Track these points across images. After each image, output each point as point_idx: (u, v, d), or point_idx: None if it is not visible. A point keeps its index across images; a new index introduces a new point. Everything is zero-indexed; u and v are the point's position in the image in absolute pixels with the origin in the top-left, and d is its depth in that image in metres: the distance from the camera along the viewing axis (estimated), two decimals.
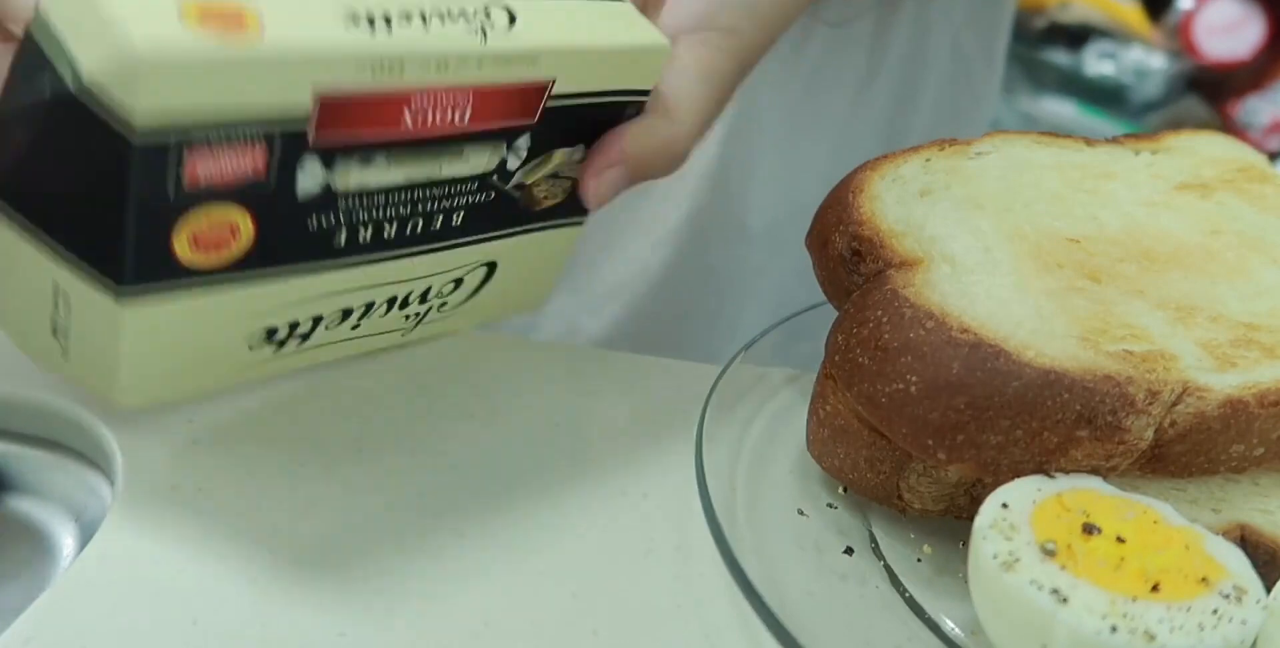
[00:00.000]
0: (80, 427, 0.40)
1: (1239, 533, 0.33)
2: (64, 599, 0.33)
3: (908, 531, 0.36)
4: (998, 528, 0.30)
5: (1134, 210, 0.40)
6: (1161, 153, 0.43)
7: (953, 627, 0.33)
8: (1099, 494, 0.32)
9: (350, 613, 0.33)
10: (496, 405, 0.42)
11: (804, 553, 0.36)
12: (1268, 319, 0.36)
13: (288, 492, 0.37)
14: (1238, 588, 0.29)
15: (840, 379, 0.35)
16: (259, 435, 0.39)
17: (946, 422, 0.32)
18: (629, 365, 0.45)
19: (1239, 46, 1.49)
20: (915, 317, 0.33)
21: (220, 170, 0.28)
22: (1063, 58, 1.59)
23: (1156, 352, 0.33)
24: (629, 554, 0.36)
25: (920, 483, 0.35)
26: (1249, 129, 1.50)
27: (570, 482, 0.39)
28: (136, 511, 0.36)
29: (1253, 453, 0.34)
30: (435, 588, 0.34)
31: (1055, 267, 0.36)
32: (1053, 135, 0.43)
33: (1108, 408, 0.31)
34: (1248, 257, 0.39)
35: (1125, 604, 0.28)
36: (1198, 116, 1.56)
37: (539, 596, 0.34)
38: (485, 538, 0.36)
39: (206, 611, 0.33)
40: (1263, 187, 0.42)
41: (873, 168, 0.40)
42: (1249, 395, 0.33)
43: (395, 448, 0.39)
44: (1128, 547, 0.30)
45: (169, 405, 0.40)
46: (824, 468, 0.37)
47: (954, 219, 0.38)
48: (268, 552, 0.35)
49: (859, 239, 0.37)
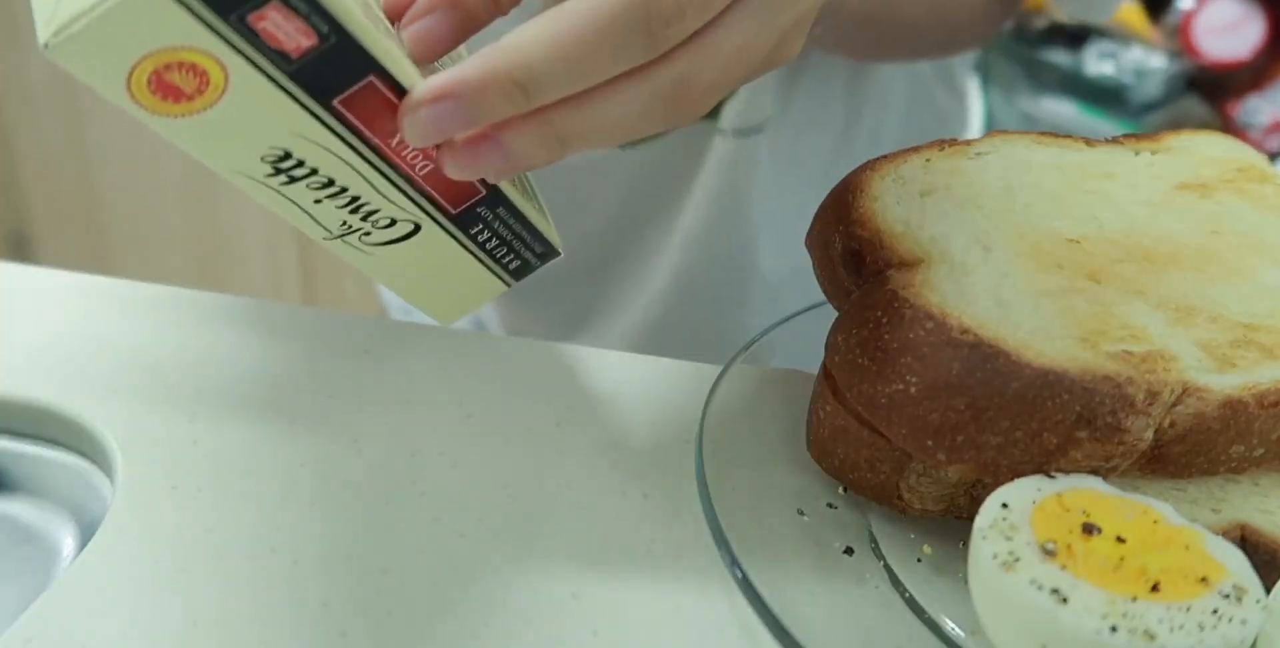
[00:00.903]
0: (80, 427, 0.40)
1: (1239, 533, 0.33)
2: (64, 599, 0.33)
3: (908, 531, 0.36)
4: (998, 528, 0.30)
5: (1134, 211, 0.40)
6: (1161, 153, 0.43)
7: (953, 627, 0.33)
8: (1099, 494, 0.32)
9: (350, 613, 0.33)
10: (497, 405, 0.42)
11: (804, 553, 0.36)
12: (1267, 320, 0.36)
13: (287, 492, 0.37)
14: (1238, 588, 0.29)
15: (840, 380, 0.35)
16: (259, 436, 0.39)
17: (946, 422, 0.32)
18: (629, 365, 0.45)
19: (1239, 46, 1.49)
20: (915, 317, 0.33)
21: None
22: (1063, 58, 1.59)
23: (1156, 352, 0.33)
24: (629, 554, 0.36)
25: (920, 483, 0.35)
26: (1249, 129, 1.49)
27: (570, 482, 0.39)
28: (136, 511, 0.36)
29: (1252, 454, 0.34)
30: (435, 588, 0.34)
31: (1055, 267, 0.36)
32: (1053, 135, 0.43)
33: (1107, 409, 0.31)
34: (1248, 257, 0.39)
35: (1125, 604, 0.28)
36: (1198, 116, 1.56)
37: (539, 596, 0.34)
38: (485, 538, 0.36)
39: (206, 611, 0.33)
40: (1263, 187, 0.42)
41: (873, 168, 0.40)
42: (1248, 396, 0.33)
43: (395, 448, 0.39)
44: (1128, 547, 0.30)
45: (169, 405, 0.40)
46: (824, 468, 0.37)
47: (954, 219, 0.38)
48: (268, 552, 0.35)
49: (859, 239, 0.37)
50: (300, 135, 0.31)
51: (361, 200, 0.34)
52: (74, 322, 0.45)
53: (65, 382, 0.41)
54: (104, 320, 0.45)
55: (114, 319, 0.45)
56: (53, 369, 0.42)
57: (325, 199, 0.34)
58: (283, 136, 0.31)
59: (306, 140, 0.31)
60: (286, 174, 0.33)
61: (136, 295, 0.47)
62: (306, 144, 0.31)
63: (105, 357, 0.43)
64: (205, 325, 0.45)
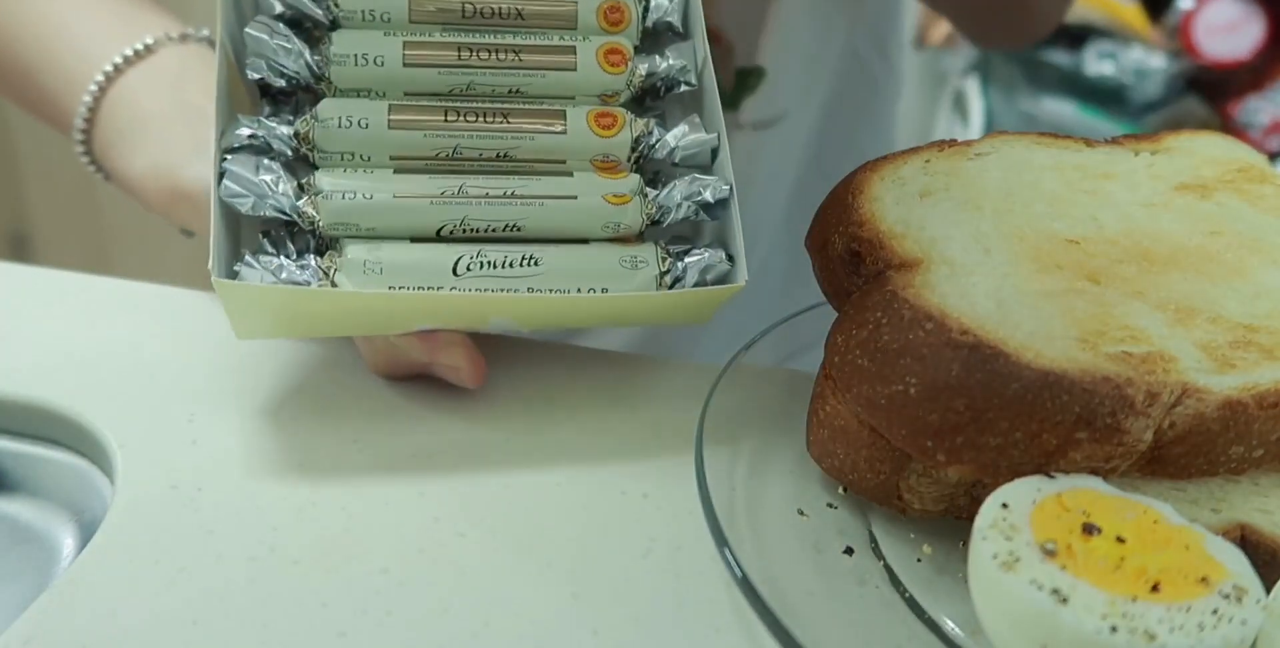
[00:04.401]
0: (80, 427, 0.40)
1: (1239, 533, 0.33)
2: (64, 599, 0.33)
3: (908, 531, 0.36)
4: (998, 528, 0.30)
5: (1133, 211, 0.40)
6: (1161, 153, 0.43)
7: (953, 627, 0.33)
8: (1099, 494, 0.32)
9: (350, 613, 0.33)
10: (496, 405, 0.42)
11: (804, 553, 0.36)
12: (1267, 320, 0.36)
13: (287, 492, 0.37)
14: (1238, 588, 0.29)
15: (840, 381, 0.35)
16: (259, 435, 0.39)
17: (946, 423, 0.32)
18: (629, 365, 0.45)
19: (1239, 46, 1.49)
20: (914, 318, 0.33)
21: None
22: (1063, 58, 1.59)
23: (1156, 353, 0.33)
24: (629, 554, 0.36)
25: (920, 483, 0.35)
26: (1249, 129, 1.50)
27: (571, 482, 0.39)
28: (136, 511, 0.36)
29: (1252, 454, 0.34)
30: (435, 588, 0.34)
31: (1054, 268, 0.36)
32: (1052, 136, 0.43)
33: (1107, 410, 0.31)
34: (1247, 258, 0.39)
35: (1125, 604, 0.28)
36: (1198, 116, 1.56)
37: (539, 596, 0.34)
38: (485, 538, 0.36)
39: (206, 611, 0.33)
40: (1262, 187, 0.42)
41: (872, 169, 0.40)
42: (1248, 397, 0.33)
43: (394, 448, 0.39)
44: (1128, 547, 0.30)
45: (169, 405, 0.40)
46: (824, 468, 0.37)
47: (953, 220, 0.38)
48: (268, 552, 0.35)
49: (858, 240, 0.37)
50: None
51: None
52: (74, 322, 0.45)
53: (65, 381, 0.41)
54: (104, 320, 0.45)
55: (114, 319, 0.45)
56: (52, 369, 0.42)
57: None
58: None
59: None
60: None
61: (136, 295, 0.47)
62: None
63: (105, 357, 0.43)
64: (205, 325, 0.45)
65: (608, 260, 0.39)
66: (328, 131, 0.38)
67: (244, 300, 0.36)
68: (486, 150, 0.39)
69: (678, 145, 0.40)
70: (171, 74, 0.47)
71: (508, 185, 0.38)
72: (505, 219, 0.38)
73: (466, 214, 0.38)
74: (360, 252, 0.37)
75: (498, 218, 0.38)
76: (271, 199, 0.37)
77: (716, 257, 0.39)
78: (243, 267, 0.36)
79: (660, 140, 0.40)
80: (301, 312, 0.37)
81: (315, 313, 0.37)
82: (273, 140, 0.38)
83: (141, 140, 0.45)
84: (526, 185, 0.38)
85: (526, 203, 0.38)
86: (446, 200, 0.38)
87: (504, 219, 0.38)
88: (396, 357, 0.41)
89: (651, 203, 0.40)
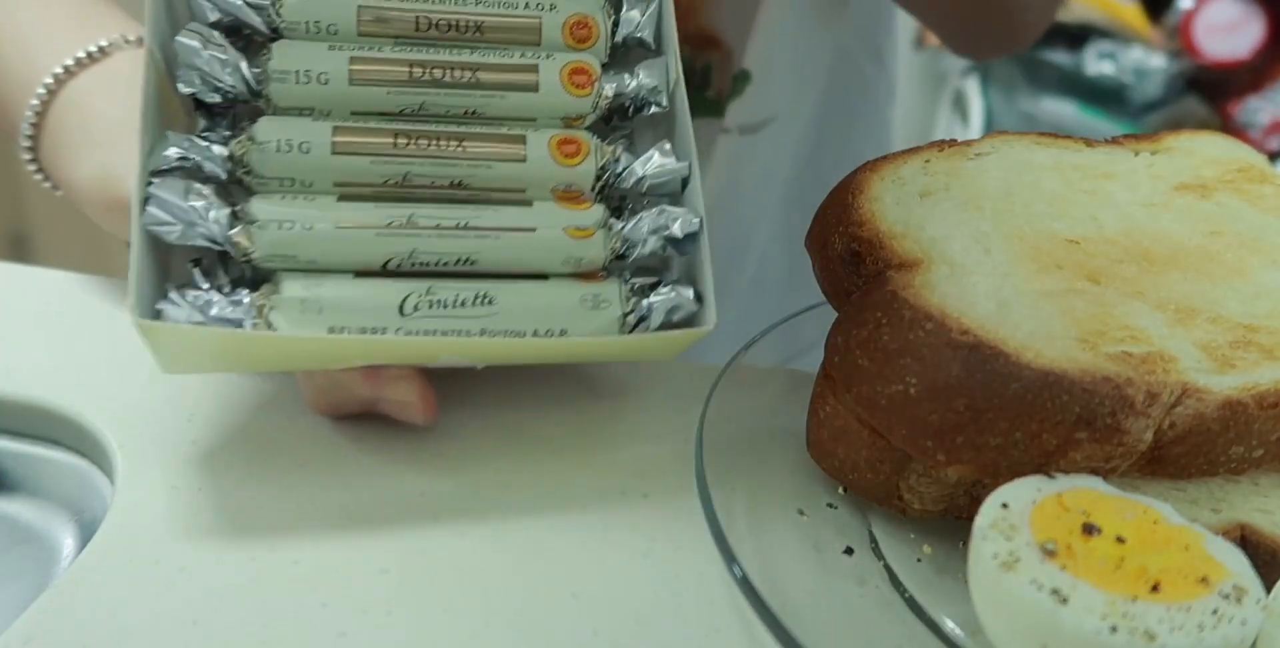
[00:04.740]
0: (80, 427, 0.40)
1: (1239, 533, 0.33)
2: (64, 599, 0.33)
3: (908, 531, 0.36)
4: (998, 528, 0.30)
5: (1133, 211, 0.40)
6: (1161, 153, 0.43)
7: (953, 627, 0.33)
8: (1099, 494, 0.32)
9: (350, 613, 0.33)
10: (496, 405, 0.42)
11: (804, 553, 0.36)
12: (1267, 320, 0.36)
13: (287, 492, 0.37)
14: (1238, 588, 0.29)
15: (840, 380, 0.35)
16: (259, 435, 0.39)
17: (946, 423, 0.32)
18: (629, 365, 0.45)
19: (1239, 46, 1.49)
20: (914, 318, 0.33)
21: None
22: (1063, 58, 1.59)
23: (1156, 353, 0.33)
24: (629, 554, 0.36)
25: (920, 483, 0.35)
26: (1249, 129, 1.49)
27: (570, 482, 0.39)
28: (137, 511, 0.36)
29: (1252, 454, 0.34)
30: (435, 588, 0.34)
31: (1054, 268, 0.36)
32: (1052, 136, 0.43)
33: (1107, 410, 0.31)
34: (1247, 258, 0.39)
35: (1125, 604, 0.28)
36: (1198, 116, 1.56)
37: (539, 596, 0.34)
38: (485, 538, 0.36)
39: (206, 611, 0.33)
40: (1262, 187, 0.42)
41: (872, 169, 0.40)
42: (1248, 397, 0.33)
43: (394, 448, 0.39)
44: (1128, 547, 0.30)
45: (169, 405, 0.40)
46: (824, 468, 0.37)
47: (953, 220, 0.38)
48: (268, 552, 0.35)
49: (858, 240, 0.37)
50: None
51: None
52: (74, 322, 0.45)
53: (65, 382, 0.41)
54: (104, 320, 0.45)
55: (114, 319, 0.45)
56: (52, 369, 0.42)
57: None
58: None
59: None
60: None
61: None
62: None
63: (105, 357, 0.43)
64: None
65: (567, 299, 0.36)
66: (265, 156, 0.35)
67: (169, 340, 0.33)
68: (439, 178, 0.36)
69: (646, 174, 0.38)
70: (125, 78, 0.43)
71: (461, 216, 0.35)
72: (458, 252, 0.35)
73: (415, 247, 0.35)
74: (298, 288, 0.34)
75: (449, 251, 0.35)
76: (201, 227, 0.34)
77: (685, 296, 0.37)
78: (166, 305, 0.33)
79: (627, 169, 0.38)
80: (232, 351, 0.35)
81: (249, 353, 0.35)
82: (205, 162, 0.35)
83: (88, 146, 0.42)
84: (481, 216, 0.36)
85: (481, 235, 0.35)
86: (394, 232, 0.35)
87: (456, 252, 0.35)
88: (338, 396, 0.39)
89: (616, 236, 0.37)
